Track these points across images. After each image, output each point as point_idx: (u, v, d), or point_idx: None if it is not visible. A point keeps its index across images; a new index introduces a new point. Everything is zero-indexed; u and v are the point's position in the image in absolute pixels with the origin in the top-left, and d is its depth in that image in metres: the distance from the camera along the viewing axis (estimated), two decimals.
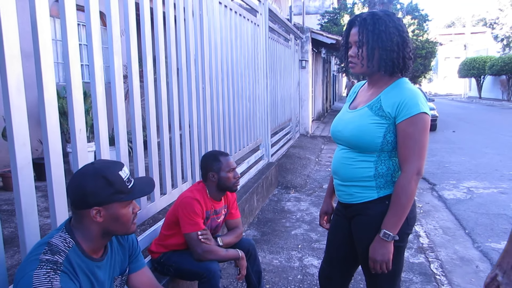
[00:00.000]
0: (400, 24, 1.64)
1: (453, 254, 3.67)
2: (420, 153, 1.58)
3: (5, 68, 1.44)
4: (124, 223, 1.39)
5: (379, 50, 1.62)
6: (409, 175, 1.57)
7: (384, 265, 1.62)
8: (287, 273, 3.17)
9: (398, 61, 1.63)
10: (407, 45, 1.64)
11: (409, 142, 1.57)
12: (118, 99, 2.14)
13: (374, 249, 1.63)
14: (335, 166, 1.80)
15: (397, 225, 1.59)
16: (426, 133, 1.59)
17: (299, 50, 10.28)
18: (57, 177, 1.70)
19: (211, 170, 2.35)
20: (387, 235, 1.59)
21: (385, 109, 1.62)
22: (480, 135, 11.74)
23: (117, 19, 2.12)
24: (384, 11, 1.66)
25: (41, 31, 1.60)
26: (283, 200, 5.24)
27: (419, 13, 16.88)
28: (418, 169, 1.58)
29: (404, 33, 1.63)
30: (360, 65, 1.68)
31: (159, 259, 2.32)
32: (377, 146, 1.63)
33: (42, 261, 1.21)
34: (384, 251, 1.61)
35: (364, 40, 1.63)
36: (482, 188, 5.90)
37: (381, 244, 1.61)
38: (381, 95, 1.66)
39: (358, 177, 1.69)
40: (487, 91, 30.82)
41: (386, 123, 1.62)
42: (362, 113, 1.68)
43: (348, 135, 1.69)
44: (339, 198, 1.84)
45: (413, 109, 1.57)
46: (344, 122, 1.75)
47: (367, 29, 1.62)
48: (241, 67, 4.42)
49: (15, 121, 1.49)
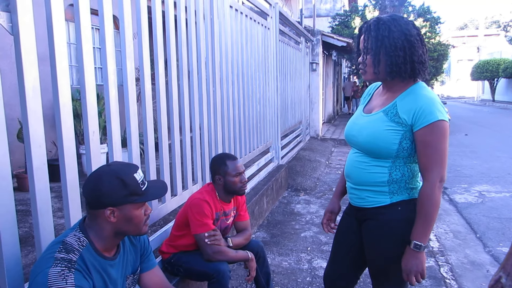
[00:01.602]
0: (407, 28, 1.59)
1: (463, 258, 3.64)
2: (441, 160, 1.56)
3: (22, 73, 1.49)
4: (137, 224, 1.42)
5: (383, 56, 1.60)
6: (432, 184, 1.55)
7: (419, 276, 1.59)
8: (296, 275, 3.19)
9: (405, 66, 1.59)
10: (415, 49, 1.59)
11: (428, 150, 1.56)
12: (130, 101, 2.19)
13: (407, 261, 1.60)
14: (348, 169, 1.78)
15: (426, 234, 1.57)
16: (445, 140, 1.57)
17: (310, 53, 10.28)
18: (71, 178, 1.74)
19: (218, 174, 2.38)
20: (418, 246, 1.57)
21: (401, 116, 1.59)
22: (493, 138, 11.61)
23: (130, 23, 2.16)
24: (391, 15, 1.64)
25: (57, 37, 1.64)
26: (292, 202, 5.25)
27: (431, 16, 16.74)
28: (441, 177, 1.56)
29: (411, 37, 1.58)
30: (368, 71, 1.67)
31: (170, 259, 2.35)
32: (392, 152, 1.61)
33: (57, 259, 1.25)
34: (417, 262, 1.58)
35: (368, 47, 1.62)
36: (494, 192, 5.84)
37: (413, 255, 1.58)
38: (396, 100, 1.63)
39: (371, 182, 1.67)
40: (500, 94, 30.41)
41: (402, 130, 1.59)
42: (377, 119, 1.65)
43: (362, 141, 1.67)
44: (350, 200, 1.83)
45: (430, 116, 1.54)
46: (359, 126, 1.73)
47: (371, 35, 1.61)
48: (251, 70, 4.45)
49: (32, 123, 1.54)
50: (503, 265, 1.25)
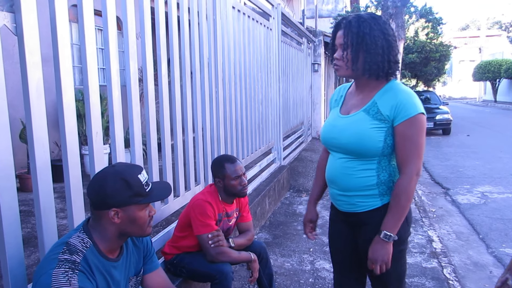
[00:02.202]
0: (385, 27, 1.62)
1: (466, 259, 3.64)
2: (419, 154, 1.58)
3: (26, 74, 1.49)
4: (140, 225, 1.42)
5: (363, 53, 1.60)
6: (409, 176, 1.57)
7: (384, 266, 1.61)
8: (298, 276, 3.18)
9: (383, 65, 1.60)
10: (392, 48, 1.62)
11: (408, 143, 1.57)
12: (133, 102, 2.18)
13: (374, 250, 1.62)
14: (333, 176, 1.75)
15: (397, 226, 1.59)
16: (423, 134, 1.59)
17: (312, 54, 10.28)
18: (75, 179, 1.74)
19: (217, 177, 2.37)
20: (387, 236, 1.59)
21: (384, 113, 1.60)
22: (495, 139, 11.59)
23: (133, 24, 2.16)
24: (370, 14, 1.65)
25: (61, 37, 1.64)
26: (295, 203, 5.25)
27: (433, 16, 16.75)
28: (418, 170, 1.58)
29: (389, 37, 1.61)
30: (345, 67, 1.66)
31: (172, 260, 2.35)
32: (378, 150, 1.61)
33: (61, 260, 1.25)
34: (384, 252, 1.60)
35: (348, 43, 1.61)
36: (496, 193, 5.83)
37: (381, 245, 1.60)
38: (375, 98, 1.64)
39: (361, 187, 1.66)
40: (502, 95, 30.36)
41: (385, 127, 1.60)
42: (359, 118, 1.64)
43: (346, 142, 1.66)
44: (338, 207, 1.80)
45: (410, 110, 1.56)
46: (339, 128, 1.71)
47: (352, 32, 1.61)
48: (253, 70, 4.45)
49: (35, 124, 1.54)
50: (509, 267, 1.24)
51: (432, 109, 13.11)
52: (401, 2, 6.09)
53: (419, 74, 18.39)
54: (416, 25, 17.49)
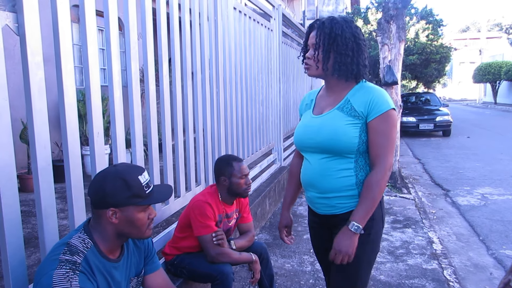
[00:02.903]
0: (357, 31, 1.67)
1: (466, 260, 3.64)
2: (391, 148, 1.62)
3: (28, 74, 1.49)
4: (139, 227, 1.41)
5: (333, 53, 1.64)
6: (382, 170, 1.60)
7: (347, 258, 1.61)
8: (299, 277, 3.18)
9: (351, 67, 1.65)
10: (362, 52, 1.66)
11: (380, 138, 1.61)
12: (134, 102, 2.18)
13: (340, 240, 1.62)
14: (310, 178, 1.75)
15: (365, 218, 1.61)
16: (395, 129, 1.64)
17: None
18: (76, 179, 1.74)
19: (223, 175, 2.36)
20: (355, 227, 1.59)
21: (358, 109, 1.64)
22: (495, 141, 11.59)
23: (135, 24, 2.16)
24: (343, 17, 1.70)
25: (63, 37, 1.64)
26: (295, 204, 5.23)
27: (433, 18, 16.75)
28: (390, 165, 1.62)
29: (360, 40, 1.66)
30: (315, 67, 1.69)
31: (173, 261, 2.35)
32: (354, 146, 1.63)
33: (62, 261, 1.25)
34: (349, 243, 1.60)
35: (320, 43, 1.66)
36: (496, 195, 5.83)
37: (348, 235, 1.60)
38: (348, 96, 1.68)
39: (340, 187, 1.67)
40: (502, 97, 30.35)
41: (359, 123, 1.63)
42: (334, 116, 1.67)
43: (322, 140, 1.67)
44: (316, 210, 1.81)
45: (383, 106, 1.61)
46: (314, 128, 1.72)
47: (324, 32, 1.65)
48: (254, 71, 4.45)
49: (37, 124, 1.54)
50: (511, 269, 1.24)
51: (432, 111, 13.11)
52: (402, 4, 6.08)
53: (419, 75, 18.39)
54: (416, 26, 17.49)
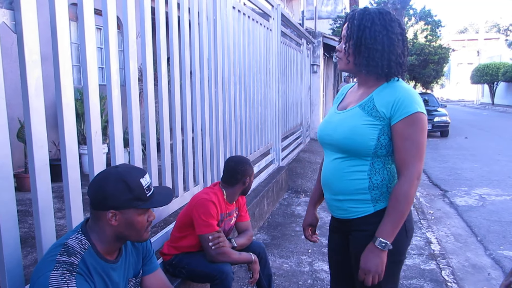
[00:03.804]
0: (391, 24, 1.51)
1: (464, 261, 3.63)
2: (420, 155, 1.47)
3: (25, 73, 1.47)
4: (138, 230, 1.40)
5: (363, 47, 1.51)
6: (409, 180, 1.46)
7: (377, 277, 1.48)
8: (297, 278, 3.17)
9: (381, 63, 1.51)
10: (394, 47, 1.51)
11: (407, 144, 1.47)
12: (133, 102, 2.17)
13: (367, 258, 1.49)
14: (326, 178, 1.67)
15: (393, 233, 1.47)
16: (424, 134, 1.48)
17: (311, 55, 10.28)
18: (73, 179, 1.73)
19: (248, 175, 2.44)
20: (383, 244, 1.46)
21: (379, 109, 1.50)
22: (493, 141, 11.61)
23: (134, 23, 2.15)
24: (378, 8, 1.56)
25: (61, 36, 1.63)
26: (293, 204, 5.23)
27: (432, 19, 16.80)
28: (418, 173, 1.47)
29: (393, 35, 1.50)
30: (346, 61, 1.59)
31: (171, 261, 2.33)
32: (370, 149, 1.51)
33: (59, 262, 1.23)
34: (377, 261, 1.47)
35: (350, 35, 1.54)
36: (494, 195, 5.83)
37: (375, 253, 1.48)
38: (373, 94, 1.55)
39: (352, 190, 1.57)
40: (500, 98, 30.45)
41: (380, 124, 1.50)
42: (354, 113, 1.55)
43: (338, 138, 1.56)
44: (332, 213, 1.72)
45: (409, 108, 1.46)
46: (333, 124, 1.62)
47: (353, 24, 1.53)
48: (253, 71, 4.44)
49: (34, 124, 1.52)
50: None
51: (430, 111, 13.13)
52: (401, 4, 6.09)
53: (418, 76, 18.44)
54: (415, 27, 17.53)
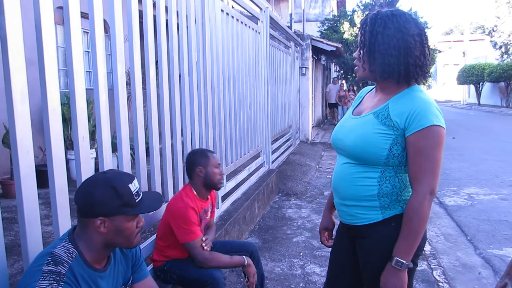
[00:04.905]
0: (406, 26, 1.44)
1: (455, 261, 3.65)
2: (433, 170, 1.40)
3: (9, 78, 1.44)
4: (127, 236, 1.37)
5: (377, 53, 1.46)
6: (421, 196, 1.40)
7: None
8: (289, 281, 3.15)
9: (398, 68, 1.44)
10: (411, 50, 1.43)
11: (420, 158, 1.40)
12: (121, 106, 2.14)
13: (386, 279, 1.44)
14: (335, 182, 1.63)
15: (410, 252, 1.42)
16: (439, 148, 1.42)
17: (299, 57, 10.30)
18: (60, 184, 1.69)
19: (199, 165, 2.34)
20: (400, 263, 1.41)
21: (393, 118, 1.44)
22: (480, 141, 11.75)
23: (121, 27, 2.12)
24: (392, 10, 1.48)
25: (46, 40, 1.59)
26: (284, 207, 5.22)
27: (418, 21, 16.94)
28: (431, 189, 1.40)
29: (409, 36, 1.43)
30: (362, 68, 1.53)
31: (162, 267, 2.30)
32: (381, 159, 1.46)
33: (45, 272, 1.20)
34: (397, 281, 1.42)
35: (363, 42, 1.50)
36: (483, 195, 5.89)
37: (394, 273, 1.42)
38: (389, 102, 1.49)
39: (360, 196, 1.52)
40: (486, 98, 30.88)
41: (393, 134, 1.44)
42: (367, 121, 1.51)
43: (349, 145, 1.53)
44: (340, 218, 1.68)
45: (424, 120, 1.39)
46: (346, 129, 1.58)
47: (366, 30, 1.48)
48: (242, 74, 4.43)
49: (19, 129, 1.49)
50: (507, 272, 1.23)
51: None
52: (388, 6, 6.11)
53: None
54: None
